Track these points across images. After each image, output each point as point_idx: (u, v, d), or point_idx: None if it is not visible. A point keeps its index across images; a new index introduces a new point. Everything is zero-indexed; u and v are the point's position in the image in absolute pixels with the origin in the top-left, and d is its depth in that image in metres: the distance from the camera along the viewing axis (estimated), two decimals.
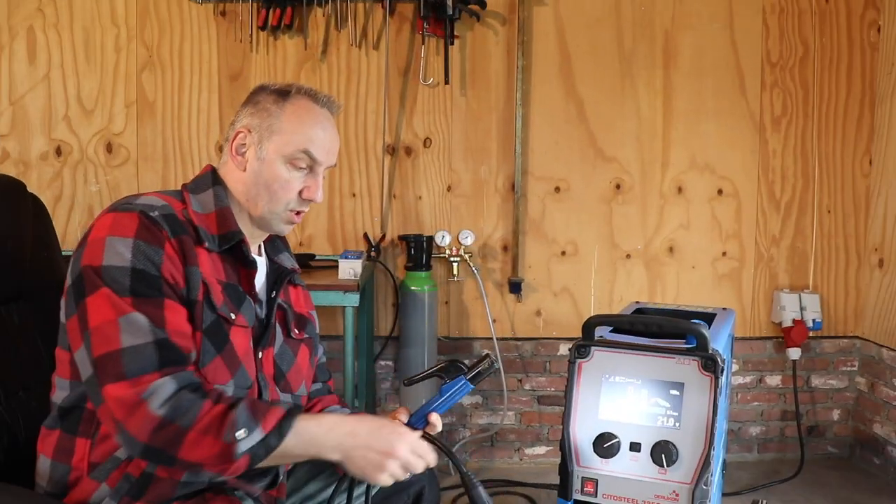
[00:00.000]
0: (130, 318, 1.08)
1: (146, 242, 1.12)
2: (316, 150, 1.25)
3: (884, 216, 2.90)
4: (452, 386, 1.25)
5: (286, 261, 1.39)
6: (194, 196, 1.25)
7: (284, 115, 1.25)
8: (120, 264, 1.10)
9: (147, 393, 1.05)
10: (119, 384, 1.06)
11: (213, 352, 1.16)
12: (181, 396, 1.07)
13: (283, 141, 1.24)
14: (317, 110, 1.28)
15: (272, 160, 1.24)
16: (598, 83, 2.90)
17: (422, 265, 2.78)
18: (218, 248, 1.22)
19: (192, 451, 1.06)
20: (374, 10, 2.83)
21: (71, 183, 2.85)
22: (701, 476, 1.54)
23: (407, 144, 2.90)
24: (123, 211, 1.14)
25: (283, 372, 1.31)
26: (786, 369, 3.04)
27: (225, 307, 1.19)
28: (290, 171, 1.25)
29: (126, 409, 1.05)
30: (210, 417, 1.07)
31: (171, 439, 1.06)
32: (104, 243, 1.11)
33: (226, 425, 1.07)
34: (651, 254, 2.97)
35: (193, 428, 1.06)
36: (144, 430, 1.05)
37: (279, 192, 1.25)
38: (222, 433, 1.06)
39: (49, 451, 1.18)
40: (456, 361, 1.27)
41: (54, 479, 1.17)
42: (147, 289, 1.10)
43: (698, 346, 1.60)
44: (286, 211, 1.26)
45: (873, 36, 2.93)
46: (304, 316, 1.41)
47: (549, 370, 3.00)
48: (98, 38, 2.81)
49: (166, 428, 1.05)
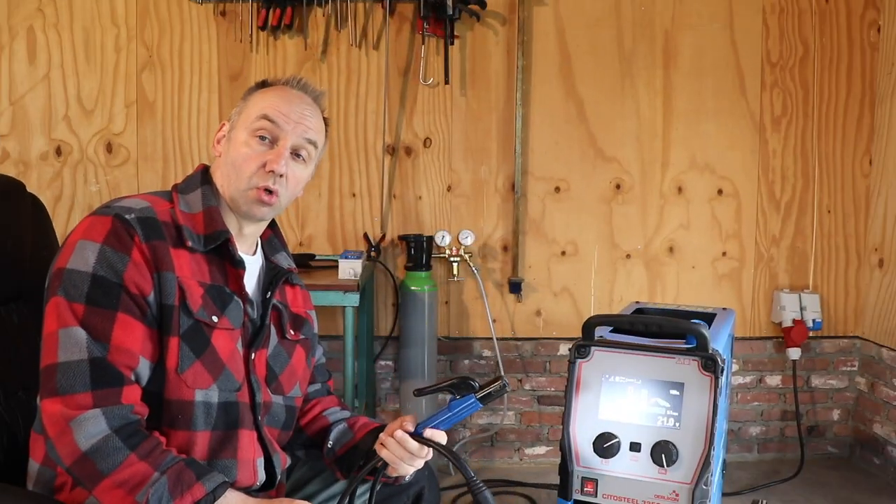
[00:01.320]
0: (70, 332, 1.07)
1: (112, 249, 1.10)
2: (274, 115, 1.22)
3: (884, 216, 2.90)
4: (461, 403, 1.26)
5: (283, 261, 1.37)
6: (183, 196, 1.24)
7: (253, 98, 1.26)
8: (82, 269, 1.09)
9: (75, 422, 1.04)
10: (52, 399, 1.06)
11: (191, 356, 1.14)
12: (108, 439, 1.05)
13: (246, 115, 1.24)
14: (286, 89, 1.27)
15: (237, 138, 1.24)
16: (598, 83, 2.90)
17: (422, 265, 2.77)
18: (203, 247, 1.20)
19: (104, 494, 1.05)
20: (374, 10, 2.83)
21: (71, 183, 2.85)
22: (701, 476, 1.54)
23: (407, 144, 2.90)
24: (100, 214, 1.14)
25: (275, 374, 1.29)
26: (786, 369, 3.04)
27: (203, 311, 1.17)
28: (253, 146, 1.22)
29: (56, 429, 1.05)
30: (129, 473, 1.04)
31: (89, 475, 1.05)
32: (74, 246, 1.11)
33: (141, 488, 1.04)
34: (651, 254, 2.97)
35: (110, 476, 1.04)
36: (68, 457, 1.05)
37: (242, 167, 1.22)
38: (135, 493, 1.04)
39: (38, 457, 1.17)
40: (468, 379, 1.26)
41: (41, 482, 1.17)
42: (102, 297, 1.09)
43: (698, 346, 1.60)
44: (250, 188, 1.22)
45: (873, 36, 2.93)
46: (301, 316, 1.39)
47: (549, 370, 3.00)
48: (98, 38, 2.81)
49: (86, 463, 1.05)
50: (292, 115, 1.24)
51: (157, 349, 1.13)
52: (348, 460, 1.33)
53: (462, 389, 1.25)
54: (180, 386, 1.13)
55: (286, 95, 1.26)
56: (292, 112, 1.24)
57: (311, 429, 1.39)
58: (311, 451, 1.40)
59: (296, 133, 1.24)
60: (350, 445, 1.34)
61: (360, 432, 1.35)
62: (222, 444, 1.19)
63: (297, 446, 1.40)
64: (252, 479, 1.23)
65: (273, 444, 1.27)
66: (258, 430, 1.24)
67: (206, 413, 1.16)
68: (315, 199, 2.89)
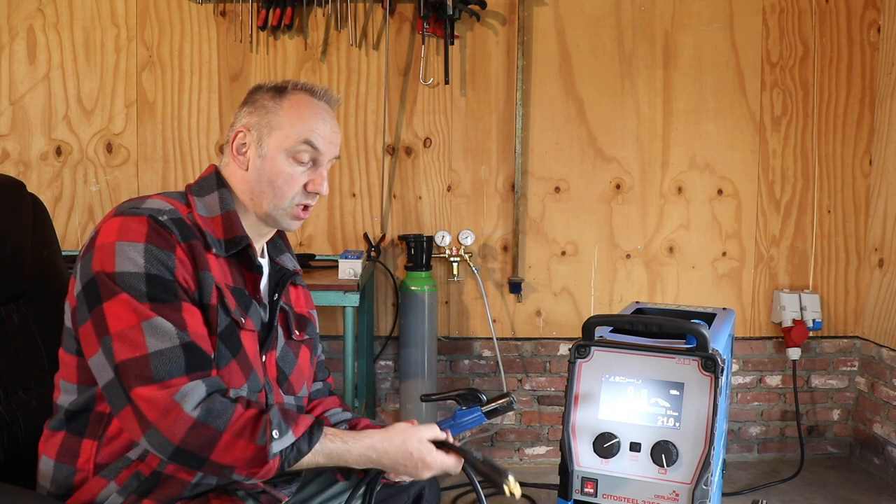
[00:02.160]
0: (154, 322, 1.08)
1: (157, 247, 1.11)
2: (317, 141, 1.24)
3: (884, 216, 2.90)
4: (467, 414, 1.27)
5: (288, 262, 1.38)
6: (199, 199, 1.24)
7: (282, 111, 1.25)
8: (134, 270, 1.09)
9: (179, 395, 1.06)
10: (148, 387, 1.06)
11: (228, 356, 1.16)
12: (214, 399, 1.08)
13: (283, 135, 1.24)
14: (315, 103, 1.27)
15: (274, 156, 1.24)
16: (597, 83, 2.90)
17: (422, 265, 2.78)
18: (224, 252, 1.21)
19: (225, 453, 1.07)
20: (374, 10, 2.83)
21: (71, 183, 2.85)
22: (701, 476, 1.54)
23: (407, 144, 2.90)
24: (131, 215, 1.13)
25: (285, 374, 1.30)
26: (786, 369, 3.04)
27: (237, 311, 1.19)
28: (293, 166, 1.24)
29: (159, 411, 1.06)
30: (244, 420, 1.09)
31: (205, 441, 1.07)
32: (114, 248, 1.10)
33: (259, 428, 1.09)
34: (651, 254, 2.97)
35: (228, 430, 1.07)
36: (178, 432, 1.06)
37: (283, 188, 1.24)
38: (255, 436, 1.08)
39: (52, 453, 1.17)
40: (476, 391, 1.27)
41: (58, 480, 1.17)
42: (164, 293, 1.10)
43: (698, 346, 1.60)
44: (292, 206, 1.25)
45: (873, 36, 2.93)
46: (305, 316, 1.41)
47: (549, 370, 3.00)
48: (98, 38, 2.81)
49: (200, 429, 1.06)
50: (330, 137, 1.27)
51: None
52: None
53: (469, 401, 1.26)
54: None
55: (321, 114, 1.27)
56: (330, 135, 1.27)
57: None
58: None
59: (331, 153, 1.28)
60: None
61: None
62: None
63: None
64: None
65: None
66: None
67: None
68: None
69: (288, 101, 1.26)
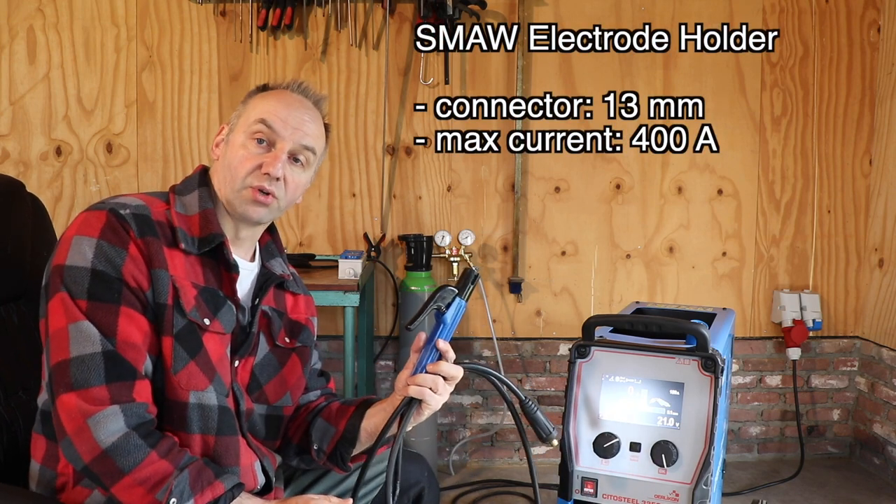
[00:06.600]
0: (80, 326, 1.07)
1: (109, 243, 1.10)
2: (273, 121, 1.21)
3: (884, 216, 2.90)
4: (449, 311, 1.25)
5: (276, 267, 1.33)
6: (179, 197, 1.23)
7: (253, 102, 1.25)
8: (81, 264, 1.09)
9: (93, 420, 1.04)
10: (68, 394, 1.05)
11: (186, 357, 1.14)
12: (129, 437, 1.05)
13: (244, 119, 1.23)
14: (286, 93, 1.26)
15: (234, 140, 1.23)
16: (598, 83, 2.90)
17: (422, 265, 2.77)
18: (197, 250, 1.18)
19: (124, 493, 1.05)
20: (374, 10, 2.83)
21: (71, 183, 2.85)
22: (701, 476, 1.54)
23: (407, 144, 2.90)
24: (94, 210, 1.14)
25: (259, 383, 1.27)
26: (786, 369, 3.04)
27: (196, 312, 1.15)
28: (250, 148, 1.21)
29: (74, 426, 1.05)
30: (151, 471, 1.05)
31: (108, 473, 1.05)
32: (71, 242, 1.11)
33: (162, 485, 1.05)
34: (651, 254, 2.97)
35: (131, 474, 1.04)
36: (87, 454, 1.05)
37: (237, 167, 1.20)
38: (156, 490, 1.05)
39: (38, 456, 1.17)
40: (443, 287, 1.26)
41: (43, 483, 1.17)
42: (104, 291, 1.09)
43: (698, 346, 1.60)
44: (245, 188, 1.20)
45: (873, 36, 2.93)
46: (301, 323, 1.36)
47: (549, 370, 3.00)
48: (98, 38, 2.81)
49: (106, 461, 1.04)
50: (291, 120, 1.22)
51: (157, 346, 1.13)
52: (341, 454, 1.31)
53: (446, 299, 1.25)
54: (174, 387, 1.13)
55: (286, 100, 1.25)
56: (291, 117, 1.23)
57: (297, 437, 1.36)
58: (304, 457, 1.37)
59: (293, 139, 1.22)
60: (336, 440, 1.31)
61: (340, 423, 1.32)
62: (227, 449, 1.18)
63: (290, 456, 1.37)
64: (253, 483, 1.23)
65: (261, 449, 1.27)
66: (244, 436, 1.23)
67: (200, 416, 1.15)
68: (315, 199, 2.89)
69: (263, 94, 1.26)
